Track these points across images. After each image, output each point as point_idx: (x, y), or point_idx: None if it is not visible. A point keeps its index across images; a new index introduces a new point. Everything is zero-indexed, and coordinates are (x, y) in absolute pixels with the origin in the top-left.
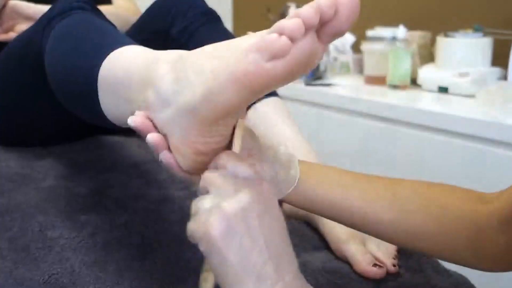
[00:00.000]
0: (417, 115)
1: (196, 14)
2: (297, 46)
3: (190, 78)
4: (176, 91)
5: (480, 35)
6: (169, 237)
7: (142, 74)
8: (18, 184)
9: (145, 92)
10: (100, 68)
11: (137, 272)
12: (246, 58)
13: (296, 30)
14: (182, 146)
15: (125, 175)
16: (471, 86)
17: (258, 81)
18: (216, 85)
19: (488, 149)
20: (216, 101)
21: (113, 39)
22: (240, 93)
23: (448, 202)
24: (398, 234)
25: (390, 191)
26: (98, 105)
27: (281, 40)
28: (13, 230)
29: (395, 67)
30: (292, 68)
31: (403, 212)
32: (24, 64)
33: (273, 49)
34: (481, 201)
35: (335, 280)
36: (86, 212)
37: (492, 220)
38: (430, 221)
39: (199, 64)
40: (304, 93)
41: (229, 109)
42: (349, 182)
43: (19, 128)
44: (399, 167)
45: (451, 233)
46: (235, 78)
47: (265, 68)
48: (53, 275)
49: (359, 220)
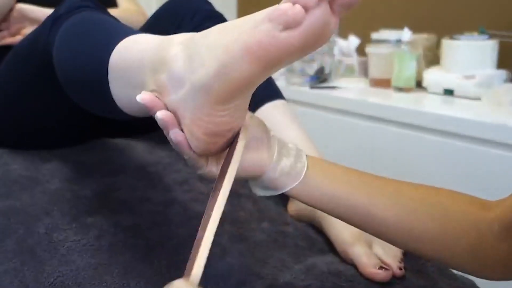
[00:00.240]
0: (423, 118)
1: (203, 18)
2: (310, 15)
3: (202, 55)
4: (189, 69)
5: (486, 38)
6: (175, 239)
7: (153, 57)
8: (24, 187)
9: (157, 75)
10: (111, 54)
11: (143, 274)
12: (259, 29)
13: None
14: (195, 127)
15: (131, 177)
16: (476, 88)
17: (272, 51)
18: (229, 58)
19: (494, 151)
20: (230, 75)
21: (122, 30)
22: (253, 65)
23: (450, 206)
24: (400, 234)
25: (394, 190)
26: (109, 92)
27: (295, 8)
28: (19, 232)
29: (400, 70)
30: (307, 39)
31: (406, 212)
32: (30, 65)
33: (287, 18)
34: (484, 208)
35: (340, 283)
36: (91, 215)
37: (493, 227)
38: (432, 223)
39: (212, 40)
40: (309, 96)
41: (242, 84)
42: (355, 180)
43: (25, 131)
44: (405, 170)
45: (452, 237)
46: (248, 50)
47: (279, 38)
48: (59, 277)
49: (362, 218)
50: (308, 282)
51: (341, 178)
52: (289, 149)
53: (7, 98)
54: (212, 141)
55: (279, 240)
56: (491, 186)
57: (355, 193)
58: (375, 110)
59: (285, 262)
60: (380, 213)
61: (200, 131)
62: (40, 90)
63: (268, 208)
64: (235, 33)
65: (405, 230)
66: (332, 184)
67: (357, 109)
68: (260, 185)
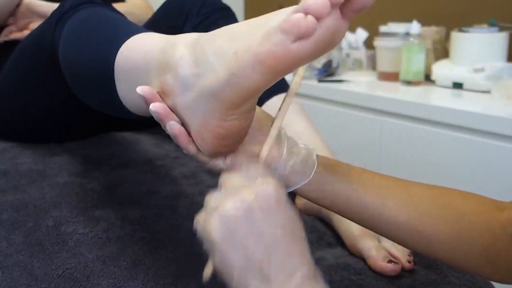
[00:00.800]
0: (431, 112)
1: (210, 11)
2: (322, 24)
3: (211, 61)
4: (197, 74)
5: (496, 30)
6: (182, 232)
7: (159, 58)
8: (32, 180)
9: (163, 77)
10: (117, 54)
11: (150, 267)
12: (271, 40)
13: (322, 9)
14: (204, 131)
15: (139, 171)
16: (486, 81)
17: (284, 62)
18: (240, 67)
19: (504, 145)
20: (240, 84)
21: (128, 28)
22: (264, 75)
23: (463, 207)
24: (412, 235)
25: (406, 191)
26: (115, 93)
27: (308, 20)
28: (28, 225)
29: (408, 63)
30: (318, 47)
31: (417, 213)
32: (37, 59)
33: (300, 30)
34: (497, 209)
35: (349, 276)
36: (99, 208)
37: (508, 228)
38: (445, 225)
39: (219, 45)
40: (316, 89)
41: (253, 91)
42: (366, 180)
43: (33, 124)
44: (413, 164)
45: (465, 239)
46: (260, 60)
47: (291, 49)
48: (67, 270)
49: (373, 219)
50: None
51: (351, 178)
52: (299, 148)
53: (15, 92)
54: (222, 144)
55: None
56: (500, 179)
57: (365, 193)
58: (383, 104)
59: None
60: (391, 214)
61: (210, 135)
62: (47, 84)
63: None
64: (246, 41)
65: (416, 231)
66: (341, 184)
67: (365, 102)
68: None
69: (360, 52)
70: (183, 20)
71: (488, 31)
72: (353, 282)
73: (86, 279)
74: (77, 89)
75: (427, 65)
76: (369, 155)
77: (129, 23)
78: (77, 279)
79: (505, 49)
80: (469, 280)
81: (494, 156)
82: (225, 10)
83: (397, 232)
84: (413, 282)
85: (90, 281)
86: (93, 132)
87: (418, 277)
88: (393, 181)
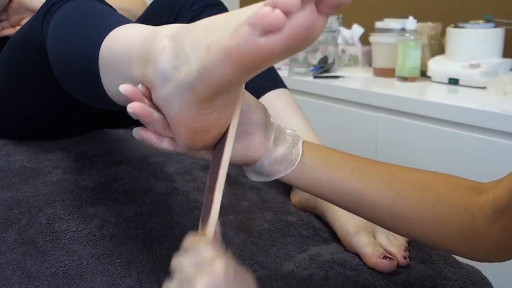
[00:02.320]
0: (427, 107)
1: (202, 6)
2: (293, 20)
3: (187, 53)
4: (175, 67)
5: (492, 26)
6: (177, 229)
7: (141, 51)
8: (26, 178)
9: (145, 69)
10: (101, 47)
11: (145, 264)
12: (238, 33)
13: (291, 3)
14: (181, 124)
15: (133, 168)
16: (482, 77)
17: (252, 57)
18: (210, 61)
19: (499, 141)
20: (211, 77)
21: (113, 20)
22: (234, 69)
23: (444, 190)
24: (393, 218)
25: (389, 175)
26: (101, 85)
27: (274, 14)
28: (21, 223)
29: (404, 59)
30: (289, 43)
31: (399, 197)
32: (26, 55)
33: (266, 24)
34: (476, 191)
35: (345, 272)
36: (93, 205)
37: (486, 209)
38: (425, 208)
39: (196, 38)
40: (312, 85)
41: (225, 85)
42: (350, 165)
43: (25, 121)
44: (409, 160)
45: (445, 221)
46: (228, 54)
47: (258, 44)
48: (61, 268)
49: (356, 203)
50: (311, 271)
51: (336, 164)
52: (285, 136)
53: (6, 89)
54: (199, 138)
55: (282, 229)
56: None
57: (349, 178)
58: (379, 100)
59: (288, 251)
60: (373, 198)
61: (186, 129)
62: (38, 80)
63: (272, 198)
64: (219, 33)
65: (399, 214)
66: (326, 170)
67: (361, 98)
68: (254, 171)
69: (356, 48)
70: (175, 15)
71: (484, 27)
72: (349, 278)
73: (79, 277)
74: (65, 83)
75: (423, 61)
76: (365, 151)
77: (115, 14)
78: (70, 277)
79: (501, 45)
80: (465, 275)
81: (489, 152)
82: (217, 6)
83: (380, 216)
84: (408, 277)
85: (84, 279)
86: (87, 129)
87: (413, 272)
88: (377, 166)
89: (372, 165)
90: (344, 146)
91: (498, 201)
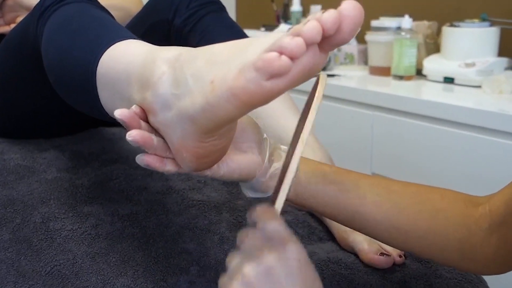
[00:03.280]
0: (423, 106)
1: (200, 4)
2: (298, 63)
3: (189, 83)
4: (176, 95)
5: (487, 25)
6: (172, 228)
7: (140, 73)
8: (20, 176)
9: (144, 93)
10: (99, 63)
11: (140, 263)
12: (245, 76)
13: (297, 49)
14: (183, 150)
15: (129, 166)
16: (477, 76)
17: (258, 98)
18: (215, 98)
19: (494, 139)
20: (215, 113)
21: (110, 32)
22: (238, 108)
23: (440, 203)
24: (389, 231)
25: (384, 188)
26: (98, 100)
27: (281, 60)
28: (16, 222)
29: (400, 58)
30: (294, 83)
31: (395, 210)
32: (21, 54)
33: (273, 70)
34: (472, 204)
35: (340, 270)
36: (89, 204)
37: (482, 222)
38: (421, 221)
39: (198, 69)
40: (307, 84)
41: (228, 120)
42: (344, 179)
43: (21, 119)
44: (404, 158)
45: (441, 234)
46: (234, 95)
47: (265, 87)
48: (56, 267)
49: (351, 217)
50: None
51: (330, 178)
52: (280, 152)
53: (1, 87)
54: (202, 162)
55: None
56: (491, 174)
57: (343, 193)
58: (374, 98)
59: None
60: (369, 211)
61: (189, 154)
62: (33, 79)
63: (267, 197)
64: (222, 70)
65: (394, 227)
66: (321, 184)
67: (357, 97)
68: (250, 187)
69: (352, 46)
70: (172, 13)
71: (479, 26)
72: (344, 276)
73: (74, 276)
74: (59, 91)
75: (418, 59)
76: (361, 149)
77: (112, 24)
78: (65, 276)
79: (496, 44)
80: (459, 274)
81: (484, 150)
82: (215, 4)
83: (375, 229)
84: (404, 276)
85: (79, 278)
86: (82, 127)
87: (409, 271)
88: (371, 179)
89: (367, 178)
90: (340, 144)
91: (494, 214)
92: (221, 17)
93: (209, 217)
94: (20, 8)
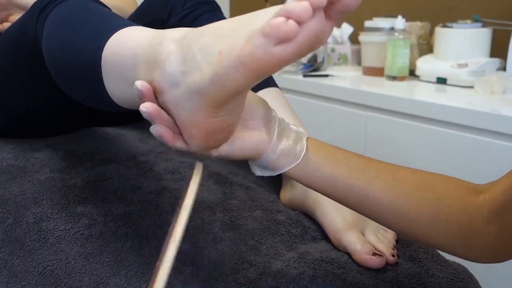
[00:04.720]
0: (416, 106)
1: (195, 4)
2: (304, 28)
3: (197, 58)
4: (184, 72)
5: (479, 26)
6: (166, 228)
7: (147, 55)
8: (13, 176)
9: (152, 74)
10: (103, 50)
11: (133, 263)
12: (253, 43)
13: (303, 13)
14: (192, 127)
15: (122, 166)
16: (469, 77)
17: (266, 65)
18: (223, 68)
19: (486, 140)
20: (224, 84)
21: (113, 21)
22: (247, 76)
23: (443, 191)
24: (395, 217)
25: (391, 174)
26: (103, 88)
27: (288, 24)
28: (8, 222)
29: (393, 58)
30: (301, 50)
31: (401, 195)
32: (18, 52)
33: (280, 34)
34: (474, 192)
35: (333, 270)
36: (82, 204)
37: (483, 210)
38: (425, 207)
39: (205, 43)
40: (301, 84)
41: (237, 91)
42: (353, 163)
43: (14, 119)
44: (397, 159)
45: (444, 221)
46: (243, 63)
47: (273, 53)
48: (48, 267)
49: (359, 201)
50: (300, 269)
51: (339, 161)
52: (289, 131)
53: None
54: (211, 139)
55: (271, 228)
56: (483, 174)
57: (352, 175)
58: (368, 99)
59: (277, 250)
60: (376, 195)
61: (197, 131)
62: (29, 78)
63: (261, 197)
64: (229, 41)
65: (400, 213)
66: (330, 166)
67: (350, 97)
68: (259, 165)
69: (345, 47)
70: (168, 13)
71: (472, 27)
72: (337, 276)
73: (67, 276)
74: (62, 83)
75: (411, 60)
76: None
77: (114, 16)
78: (58, 276)
79: (488, 44)
80: (452, 273)
81: (476, 150)
82: (210, 4)
83: (382, 214)
84: (396, 275)
85: (72, 278)
86: (76, 127)
87: (401, 270)
88: (379, 164)
89: (375, 163)
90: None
91: (494, 202)
92: (216, 16)
93: (202, 217)
94: (13, 6)
